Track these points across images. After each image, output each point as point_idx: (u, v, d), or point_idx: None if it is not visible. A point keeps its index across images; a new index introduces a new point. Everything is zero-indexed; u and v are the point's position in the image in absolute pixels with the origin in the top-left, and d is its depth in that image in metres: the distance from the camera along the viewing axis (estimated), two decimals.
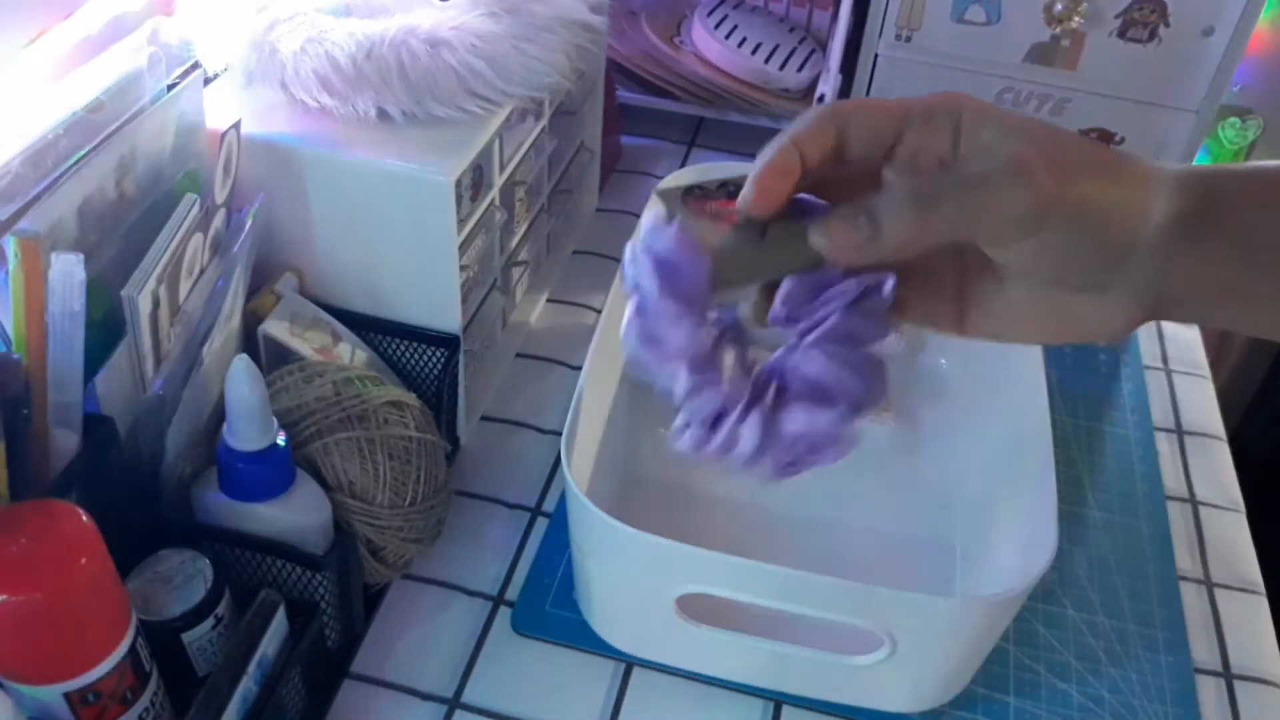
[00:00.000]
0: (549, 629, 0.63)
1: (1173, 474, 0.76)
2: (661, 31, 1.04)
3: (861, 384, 0.40)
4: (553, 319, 0.86)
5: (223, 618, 0.52)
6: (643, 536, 0.53)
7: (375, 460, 0.58)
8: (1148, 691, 0.62)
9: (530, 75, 0.66)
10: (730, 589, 0.54)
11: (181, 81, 0.58)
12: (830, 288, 0.39)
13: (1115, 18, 0.88)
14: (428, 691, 0.61)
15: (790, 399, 0.40)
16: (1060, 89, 0.92)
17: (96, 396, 0.51)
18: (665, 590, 0.56)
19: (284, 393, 0.60)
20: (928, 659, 0.57)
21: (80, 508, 0.43)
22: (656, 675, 0.62)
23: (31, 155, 0.50)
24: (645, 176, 1.02)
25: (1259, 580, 0.70)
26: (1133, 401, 0.81)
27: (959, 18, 0.91)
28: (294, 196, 0.64)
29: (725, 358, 0.41)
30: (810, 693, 0.60)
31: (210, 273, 0.58)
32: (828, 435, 0.40)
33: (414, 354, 0.69)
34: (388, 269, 0.67)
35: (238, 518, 0.56)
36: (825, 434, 0.40)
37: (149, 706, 0.47)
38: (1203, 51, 0.88)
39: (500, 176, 0.71)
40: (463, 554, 0.67)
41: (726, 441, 0.40)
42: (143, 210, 0.57)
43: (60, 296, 0.46)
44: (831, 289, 0.39)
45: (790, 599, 0.54)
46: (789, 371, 0.40)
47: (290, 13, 0.64)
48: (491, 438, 0.76)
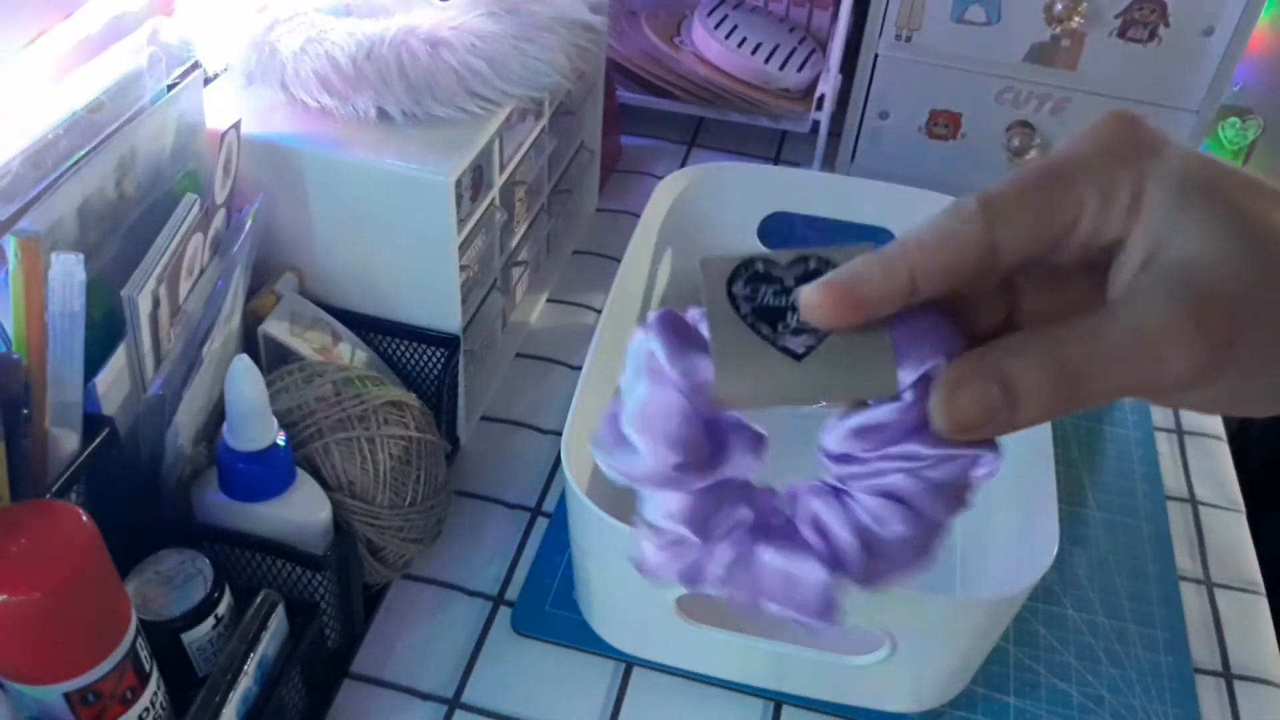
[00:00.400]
0: (549, 629, 0.63)
1: (1173, 474, 0.76)
2: (661, 31, 1.04)
3: (889, 561, 0.31)
4: (553, 319, 0.86)
5: (223, 618, 0.52)
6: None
7: (375, 460, 0.58)
8: (1148, 691, 0.62)
9: (530, 75, 0.66)
10: None
11: (181, 81, 0.58)
12: (904, 425, 0.30)
13: (1115, 18, 0.88)
14: (428, 691, 0.61)
15: (787, 544, 0.32)
16: (1060, 89, 0.92)
17: (96, 396, 0.51)
18: (665, 590, 0.56)
19: (284, 393, 0.60)
20: (928, 659, 0.57)
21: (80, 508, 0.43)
22: (656, 675, 0.62)
23: (31, 155, 0.50)
24: (645, 176, 1.02)
25: (1259, 580, 0.70)
26: (1133, 401, 0.81)
27: (959, 18, 0.91)
28: (294, 196, 0.64)
29: (721, 516, 0.32)
30: (810, 693, 0.60)
31: (210, 273, 0.58)
32: (808, 601, 0.32)
33: (414, 354, 0.69)
34: (388, 269, 0.66)
35: (238, 518, 0.56)
36: (806, 600, 0.32)
37: (149, 706, 0.47)
38: (1203, 51, 0.88)
39: (500, 176, 0.71)
40: (463, 554, 0.67)
41: (690, 570, 0.33)
42: (143, 210, 0.57)
43: (60, 296, 0.46)
44: (902, 432, 0.30)
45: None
46: (803, 517, 0.32)
47: (290, 13, 0.64)
48: (491, 438, 0.76)
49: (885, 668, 0.56)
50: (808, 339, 0.29)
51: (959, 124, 0.97)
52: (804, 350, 0.29)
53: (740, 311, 0.30)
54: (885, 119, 0.98)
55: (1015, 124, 0.95)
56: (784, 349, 0.29)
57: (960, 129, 0.97)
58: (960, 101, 0.95)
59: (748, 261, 0.31)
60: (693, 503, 0.31)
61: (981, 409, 0.28)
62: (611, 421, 0.32)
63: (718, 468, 0.31)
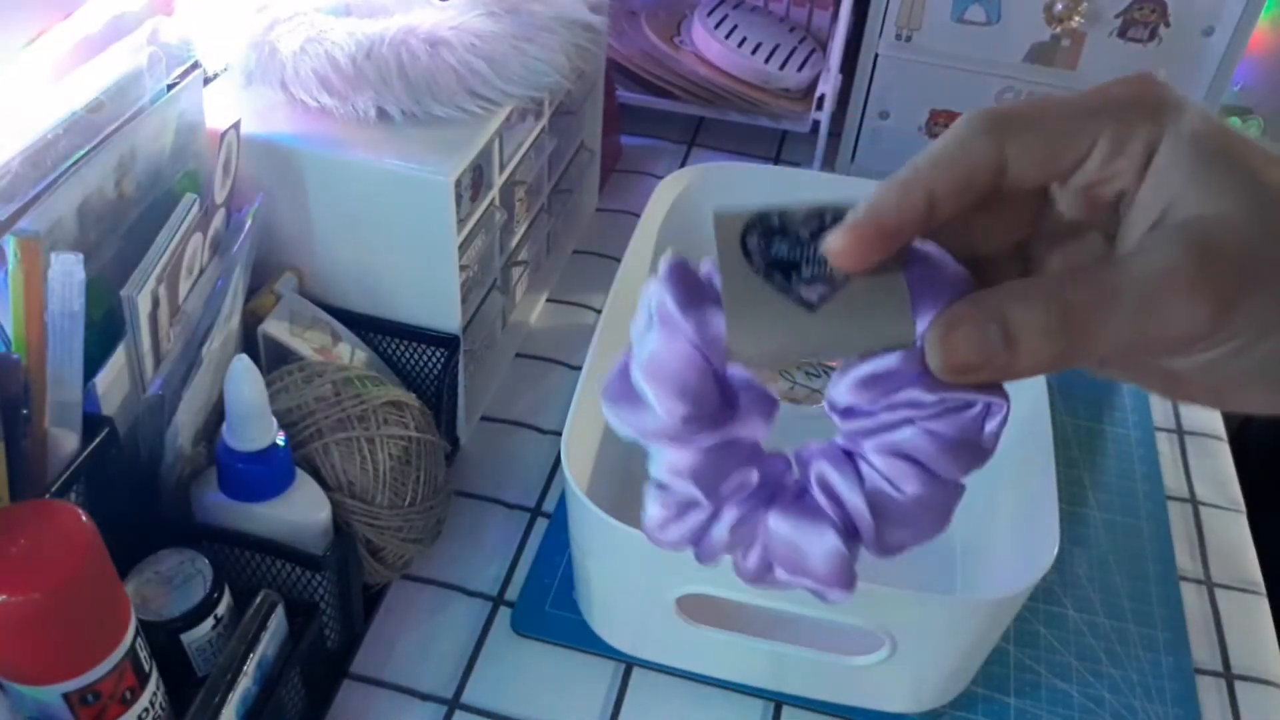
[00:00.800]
0: (549, 629, 0.63)
1: (1173, 474, 0.76)
2: (661, 31, 1.04)
3: (904, 527, 0.31)
4: (553, 319, 0.86)
5: (222, 618, 0.52)
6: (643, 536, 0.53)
7: (375, 460, 0.58)
8: (1148, 692, 0.62)
9: (530, 75, 0.66)
10: (730, 589, 0.54)
11: (181, 81, 0.58)
12: (907, 373, 0.29)
13: (1115, 17, 0.88)
14: (427, 692, 0.61)
15: (797, 509, 0.31)
16: (1060, 89, 0.92)
17: (96, 396, 0.51)
18: (665, 590, 0.56)
19: (284, 393, 0.60)
20: (928, 659, 0.57)
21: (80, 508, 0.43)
22: (656, 675, 0.62)
23: (31, 155, 0.50)
24: (645, 176, 1.02)
25: (1259, 580, 0.70)
26: (1133, 401, 0.81)
27: (959, 18, 0.91)
28: (294, 196, 0.64)
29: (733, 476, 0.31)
30: (810, 693, 0.60)
31: (210, 273, 0.58)
32: (820, 570, 0.31)
33: (414, 354, 0.69)
34: (388, 269, 0.66)
35: (237, 518, 0.55)
36: (818, 568, 0.31)
37: (148, 707, 0.47)
38: (1203, 51, 0.88)
39: (500, 176, 0.71)
40: (462, 554, 0.67)
41: (695, 533, 0.32)
42: (143, 210, 0.57)
43: (60, 296, 0.46)
44: (906, 380, 0.29)
45: (790, 598, 0.54)
46: (815, 481, 0.31)
47: (290, 13, 0.64)
48: (491, 438, 0.76)
49: (885, 668, 0.56)
50: (823, 289, 0.29)
51: None
52: (819, 300, 0.29)
53: (753, 264, 0.29)
54: (885, 119, 0.98)
55: None
56: (799, 299, 0.29)
57: None
58: (960, 101, 0.95)
59: (763, 215, 0.30)
60: (701, 460, 0.31)
61: (978, 350, 0.27)
62: (622, 373, 0.31)
63: (727, 425, 0.31)
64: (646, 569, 0.56)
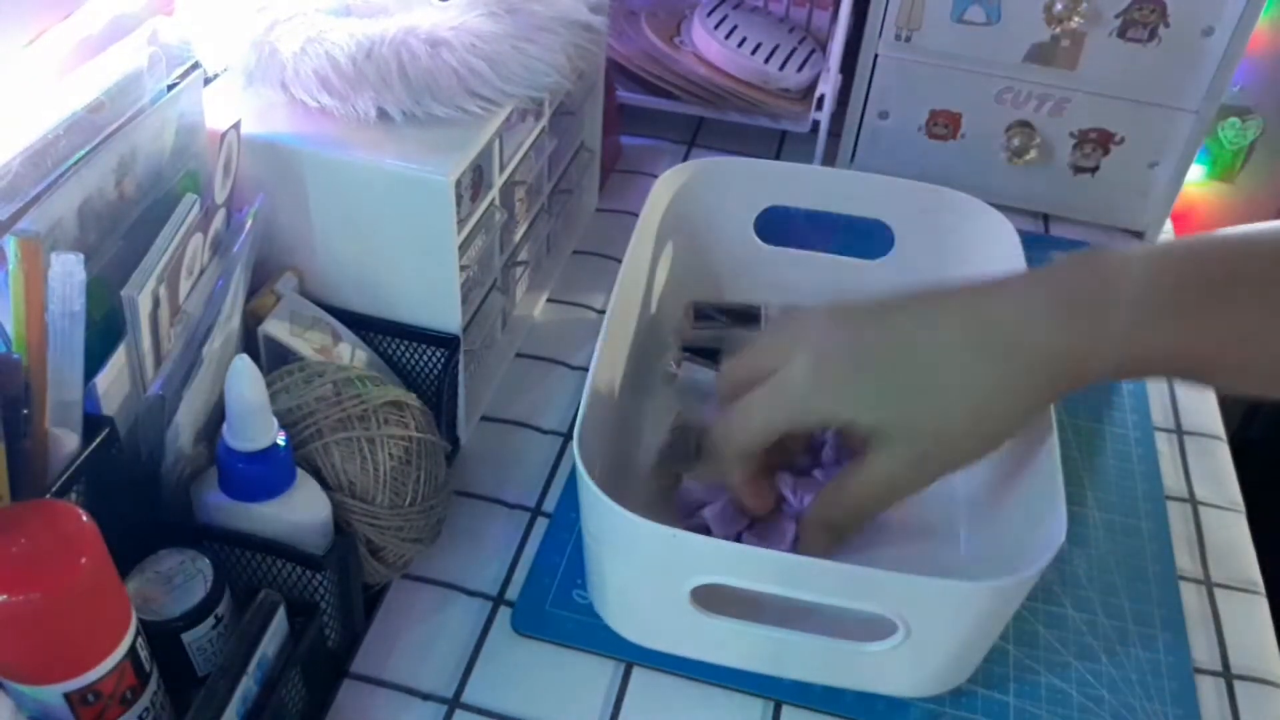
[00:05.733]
0: (549, 629, 0.63)
1: (1173, 474, 0.76)
2: (661, 31, 1.04)
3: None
4: (553, 319, 0.86)
5: (223, 618, 0.52)
6: (658, 529, 0.53)
7: (375, 460, 0.58)
8: (1148, 691, 0.62)
9: (530, 75, 0.66)
10: (747, 579, 0.55)
11: (181, 81, 0.58)
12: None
13: (1115, 17, 0.88)
14: (428, 691, 0.61)
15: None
16: (1060, 89, 0.92)
17: (96, 396, 0.51)
18: (680, 582, 0.56)
19: (284, 393, 0.60)
20: (941, 644, 0.57)
21: (80, 508, 0.43)
22: (657, 675, 0.62)
23: (31, 155, 0.50)
24: (645, 176, 1.02)
25: (1259, 580, 0.70)
26: (1133, 401, 0.81)
27: (959, 18, 0.91)
28: (294, 196, 0.64)
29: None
30: (823, 679, 0.61)
31: (210, 273, 0.58)
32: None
33: (414, 354, 0.69)
34: (388, 269, 0.67)
35: (237, 518, 0.56)
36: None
37: (149, 707, 0.47)
38: (1203, 51, 0.88)
39: (500, 176, 0.71)
40: (463, 554, 0.68)
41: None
42: (143, 210, 0.57)
43: (60, 296, 0.46)
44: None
45: (806, 587, 0.55)
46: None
47: (290, 13, 0.64)
48: (491, 438, 0.76)
49: (897, 653, 0.56)
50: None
51: (959, 124, 0.97)
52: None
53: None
54: (885, 119, 0.98)
55: (1015, 124, 0.95)
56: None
57: (960, 129, 0.97)
58: (960, 101, 0.95)
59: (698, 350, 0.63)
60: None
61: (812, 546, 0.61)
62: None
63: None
64: (662, 561, 0.56)
